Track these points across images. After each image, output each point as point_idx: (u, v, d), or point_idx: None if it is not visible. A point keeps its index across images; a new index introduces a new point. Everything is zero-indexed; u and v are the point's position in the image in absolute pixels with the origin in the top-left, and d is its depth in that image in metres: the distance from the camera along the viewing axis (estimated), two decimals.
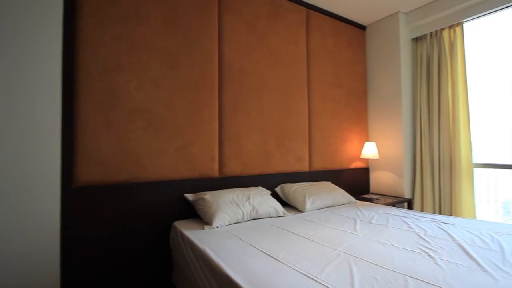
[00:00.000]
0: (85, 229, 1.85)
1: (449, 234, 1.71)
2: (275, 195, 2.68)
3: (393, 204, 2.97)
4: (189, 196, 2.21)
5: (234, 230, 1.86)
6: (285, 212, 2.33)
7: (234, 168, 2.51)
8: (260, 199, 2.24)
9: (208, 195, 2.13)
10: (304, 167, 2.99)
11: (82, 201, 1.85)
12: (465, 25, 2.91)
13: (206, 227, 1.92)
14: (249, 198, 2.20)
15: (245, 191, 2.30)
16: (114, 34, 1.99)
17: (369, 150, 3.21)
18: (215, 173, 2.41)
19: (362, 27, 3.61)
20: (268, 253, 1.43)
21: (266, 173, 2.71)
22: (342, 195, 2.76)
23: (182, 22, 2.29)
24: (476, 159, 2.88)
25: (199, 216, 2.13)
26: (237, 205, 2.10)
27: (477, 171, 2.88)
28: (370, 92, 3.59)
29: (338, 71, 3.33)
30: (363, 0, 3.02)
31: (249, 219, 2.12)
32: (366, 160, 3.51)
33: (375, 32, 3.53)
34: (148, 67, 2.12)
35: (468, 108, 2.85)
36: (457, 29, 2.91)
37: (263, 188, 2.52)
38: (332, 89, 3.26)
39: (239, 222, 2.06)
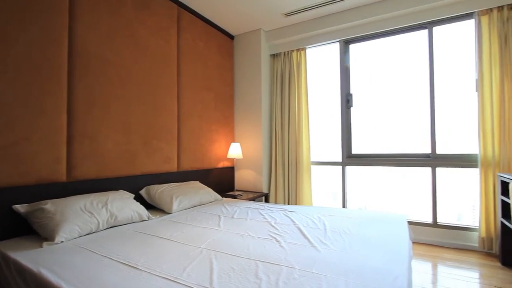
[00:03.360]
0: None
1: (292, 220, 2.08)
2: (139, 198, 2.50)
3: (253, 199, 3.35)
4: (20, 207, 1.74)
5: (85, 242, 1.61)
6: (150, 215, 2.21)
7: (88, 171, 2.17)
8: (120, 204, 2.03)
9: (50, 204, 1.75)
10: (173, 167, 2.93)
11: None
12: (307, 50, 3.64)
13: (45, 244, 1.57)
14: (106, 204, 1.95)
15: (102, 196, 2.03)
16: None
17: (235, 151, 3.49)
18: (62, 177, 2.01)
19: (231, 36, 3.89)
20: (126, 262, 1.32)
21: (129, 175, 2.49)
22: (209, 193, 2.88)
23: None
24: (313, 158, 3.64)
25: (35, 232, 1.72)
26: (91, 213, 1.82)
27: (313, 168, 3.64)
28: (236, 97, 3.91)
29: (208, 74, 3.45)
30: (230, 12, 3.26)
31: (106, 227, 1.88)
32: (232, 160, 3.80)
33: (241, 43, 3.87)
34: None
35: (308, 117, 3.57)
36: (302, 52, 3.60)
37: (125, 192, 2.29)
38: (202, 91, 3.34)
39: (94, 233, 1.80)
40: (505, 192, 2.34)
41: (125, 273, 1.22)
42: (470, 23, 2.80)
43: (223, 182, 3.66)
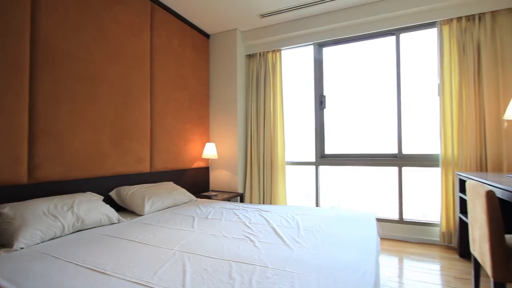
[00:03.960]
0: None
1: (266, 220, 2.11)
2: (109, 200, 2.41)
3: (228, 199, 3.34)
4: None
5: (49, 248, 1.51)
6: (120, 218, 2.13)
7: (52, 172, 2.04)
8: (88, 207, 1.94)
9: (8, 208, 1.63)
10: (145, 167, 2.84)
11: None
12: (283, 52, 3.69)
13: (2, 251, 1.46)
14: (72, 207, 1.85)
15: (67, 198, 1.93)
16: None
17: (210, 151, 3.46)
18: (22, 178, 1.88)
19: (207, 35, 3.84)
20: (93, 268, 1.26)
21: (99, 176, 2.38)
22: (183, 194, 2.83)
23: None
24: (287, 158, 3.70)
25: None
26: (55, 216, 1.72)
27: (288, 168, 3.70)
28: (212, 97, 3.87)
29: (183, 73, 3.39)
30: (206, 10, 3.23)
31: (72, 231, 1.79)
32: (207, 160, 3.76)
33: (217, 42, 3.84)
34: None
35: (283, 117, 3.62)
36: (277, 53, 3.64)
37: (93, 194, 2.19)
38: (176, 90, 3.27)
39: (58, 237, 1.70)
40: (462, 189, 2.52)
41: (91, 279, 1.16)
42: (433, 32, 2.99)
43: (197, 182, 3.61)
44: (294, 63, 3.81)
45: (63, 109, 2.12)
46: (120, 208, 2.46)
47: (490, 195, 1.48)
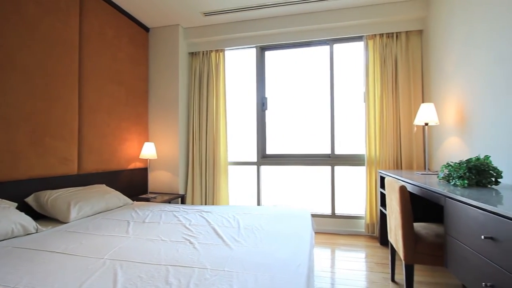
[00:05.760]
0: None
1: (207, 221, 2.09)
2: (26, 207, 2.10)
3: (169, 201, 3.21)
4: None
5: None
6: (39, 226, 1.88)
7: None
8: None
9: None
10: (72, 169, 2.56)
11: None
12: (226, 52, 3.69)
13: None
14: None
15: None
16: None
17: (148, 150, 3.28)
18: None
19: (146, 28, 3.63)
20: (3, 285, 1.09)
21: (11, 180, 2.06)
22: (117, 197, 2.62)
23: None
24: (230, 158, 3.71)
25: None
26: None
27: (231, 168, 3.72)
28: (151, 93, 3.67)
29: (119, 66, 3.14)
30: (145, 2, 3.05)
31: None
32: (145, 160, 3.55)
33: (158, 37, 3.65)
34: None
35: (226, 117, 3.63)
36: (221, 53, 3.64)
37: (3, 200, 1.89)
38: (111, 84, 3.02)
39: None
40: (383, 185, 2.87)
41: None
42: (361, 45, 3.34)
43: (135, 184, 3.39)
44: (237, 64, 3.85)
45: None
46: (40, 216, 2.17)
47: (402, 189, 1.72)
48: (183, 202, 3.56)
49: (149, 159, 3.42)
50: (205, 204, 3.58)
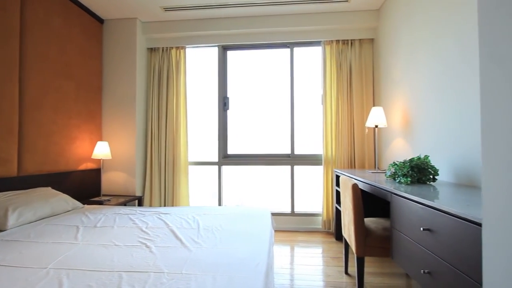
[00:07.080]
0: None
1: (165, 223, 2.02)
2: None
3: (124, 204, 3.04)
4: None
5: None
6: None
7: None
8: None
9: None
10: (10, 171, 2.30)
11: None
12: (187, 50, 3.61)
13: None
14: None
15: None
16: None
17: (102, 150, 3.07)
18: None
19: (100, 20, 3.40)
20: None
21: None
22: (65, 201, 2.42)
23: None
24: (191, 158, 3.64)
25: None
26: None
27: (191, 168, 3.64)
28: (106, 89, 3.45)
29: (68, 59, 2.90)
30: None
31: None
32: (98, 161, 3.32)
33: (113, 30, 3.44)
34: None
35: (186, 116, 3.55)
36: (182, 51, 3.55)
37: None
38: (58, 78, 2.77)
39: None
40: (338, 183, 3.04)
41: None
42: (319, 49, 3.49)
43: (86, 186, 3.15)
44: (199, 63, 3.78)
45: None
46: None
47: (355, 187, 1.84)
48: (140, 204, 3.40)
49: (102, 159, 3.20)
50: (164, 206, 3.46)
